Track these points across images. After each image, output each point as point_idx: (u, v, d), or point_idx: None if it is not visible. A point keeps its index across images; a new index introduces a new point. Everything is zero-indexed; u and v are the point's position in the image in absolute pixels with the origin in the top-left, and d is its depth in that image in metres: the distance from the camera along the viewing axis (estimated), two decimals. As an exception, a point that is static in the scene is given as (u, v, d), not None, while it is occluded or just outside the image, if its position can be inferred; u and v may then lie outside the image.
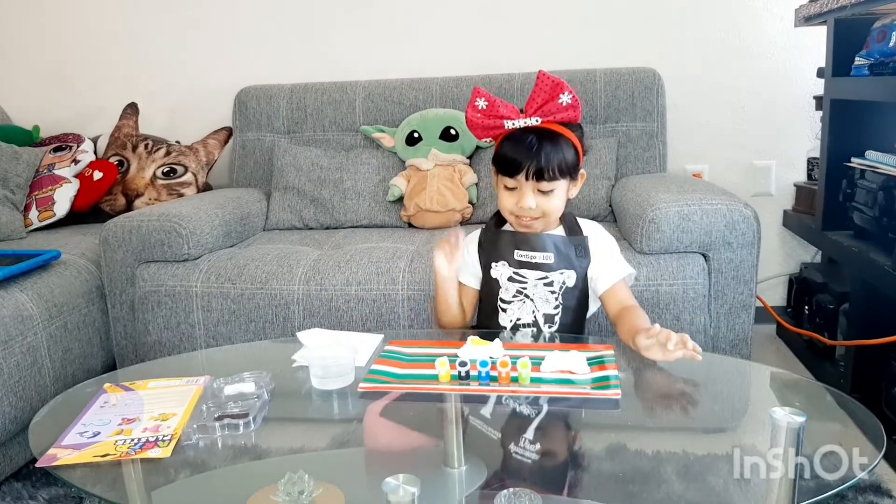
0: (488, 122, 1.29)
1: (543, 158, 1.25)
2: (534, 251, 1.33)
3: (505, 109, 1.28)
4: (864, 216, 1.74)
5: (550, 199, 1.30)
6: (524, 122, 1.28)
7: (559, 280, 1.33)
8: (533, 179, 1.27)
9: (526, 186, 1.28)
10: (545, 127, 1.27)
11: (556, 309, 1.34)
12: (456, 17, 2.36)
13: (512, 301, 1.35)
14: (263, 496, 0.84)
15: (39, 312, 1.58)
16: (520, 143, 1.27)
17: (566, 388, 1.08)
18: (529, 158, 1.25)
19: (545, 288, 1.33)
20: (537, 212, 1.30)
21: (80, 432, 1.01)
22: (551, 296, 1.33)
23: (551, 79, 1.25)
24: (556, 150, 1.26)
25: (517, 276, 1.34)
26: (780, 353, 2.17)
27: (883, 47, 1.67)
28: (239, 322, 1.70)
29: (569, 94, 1.25)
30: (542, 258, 1.33)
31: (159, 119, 2.49)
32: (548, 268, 1.33)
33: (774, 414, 0.86)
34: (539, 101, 1.26)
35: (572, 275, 1.33)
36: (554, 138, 1.27)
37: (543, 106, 1.26)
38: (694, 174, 2.34)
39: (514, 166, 1.27)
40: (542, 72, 1.26)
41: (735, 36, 2.28)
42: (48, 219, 2.17)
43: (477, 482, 0.87)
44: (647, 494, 0.85)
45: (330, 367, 1.13)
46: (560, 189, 1.30)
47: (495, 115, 1.29)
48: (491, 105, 1.28)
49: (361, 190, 2.14)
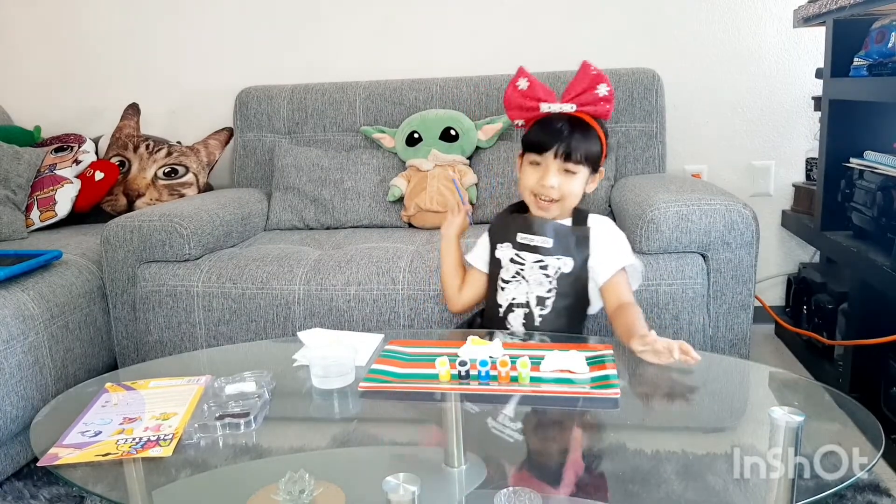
0: (525, 102, 1.35)
1: (574, 141, 1.32)
2: (534, 234, 1.38)
3: (544, 93, 1.35)
4: (863, 216, 1.75)
5: (571, 183, 1.34)
6: (559, 107, 1.34)
7: (555, 265, 1.37)
8: (560, 159, 1.32)
9: (552, 164, 1.33)
10: (578, 115, 1.34)
11: (548, 292, 1.37)
12: (456, 17, 2.36)
13: (510, 281, 1.40)
14: (264, 495, 0.84)
15: (41, 312, 1.59)
16: (553, 125, 1.33)
17: (565, 387, 1.08)
18: (560, 138, 1.31)
19: (540, 271, 1.37)
20: (557, 192, 1.34)
21: (82, 431, 1.01)
22: (545, 279, 1.37)
23: (593, 69, 1.33)
24: (585, 137, 1.33)
25: (517, 258, 1.39)
26: (779, 353, 2.17)
27: (882, 48, 1.67)
28: (240, 322, 1.70)
29: (607, 86, 1.32)
30: (540, 241, 1.37)
31: (160, 119, 2.49)
32: (545, 252, 1.37)
33: (773, 413, 0.86)
34: (578, 89, 1.33)
35: (569, 262, 1.36)
36: (585, 127, 1.33)
37: (581, 94, 1.33)
38: (693, 174, 2.34)
39: (545, 143, 1.33)
40: (586, 62, 1.34)
41: (734, 36, 2.28)
42: (49, 219, 2.18)
43: (477, 482, 0.88)
44: (646, 494, 0.86)
45: (330, 366, 1.14)
46: (581, 176, 1.35)
47: (533, 96, 1.35)
48: (532, 86, 1.35)
49: (362, 190, 2.14)
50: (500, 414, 1.07)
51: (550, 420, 1.09)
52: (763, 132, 2.33)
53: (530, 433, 1.05)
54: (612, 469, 0.92)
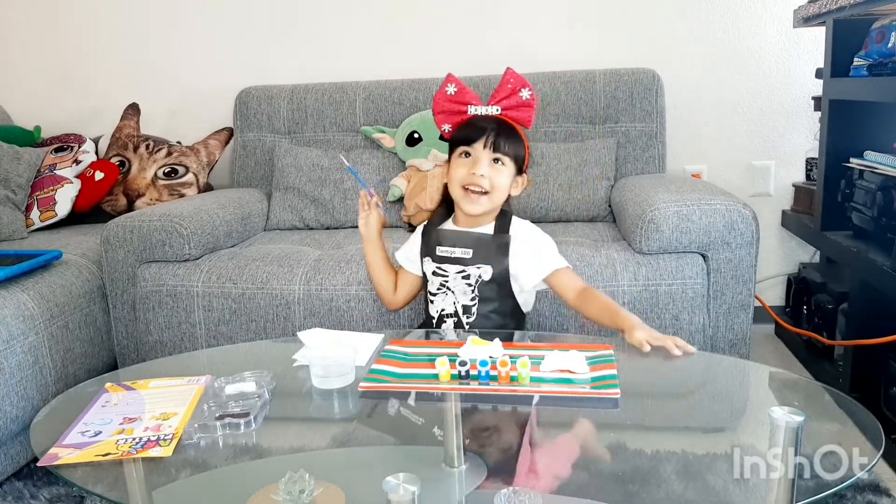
0: (454, 107, 1.42)
1: (501, 134, 1.38)
2: (453, 247, 1.43)
3: (470, 98, 1.42)
4: (863, 216, 1.75)
5: (500, 175, 1.39)
6: (485, 109, 1.41)
7: (475, 273, 1.41)
8: (490, 149, 1.38)
9: (482, 154, 1.38)
10: (503, 118, 1.40)
11: (472, 300, 1.42)
12: (456, 17, 2.36)
13: (437, 293, 1.45)
14: (264, 495, 0.84)
15: (41, 312, 1.59)
16: (480, 120, 1.40)
17: (565, 387, 1.08)
18: (488, 129, 1.38)
19: (463, 281, 1.42)
20: (488, 182, 1.38)
21: (82, 431, 1.01)
22: (468, 288, 1.42)
23: (517, 76, 1.40)
24: (510, 135, 1.40)
25: (439, 271, 1.44)
26: (779, 353, 2.17)
27: (882, 48, 1.67)
28: (240, 322, 1.70)
29: (529, 91, 1.40)
30: (460, 253, 1.42)
31: (160, 119, 2.49)
32: (465, 262, 1.42)
33: (773, 413, 0.86)
34: (502, 94, 1.40)
35: (489, 269, 1.40)
36: (510, 128, 1.40)
37: (505, 98, 1.40)
38: (693, 174, 2.34)
39: (474, 135, 1.38)
40: (510, 69, 1.41)
41: (734, 37, 2.28)
42: (49, 219, 2.18)
43: (477, 482, 0.88)
44: (646, 494, 0.86)
45: (330, 366, 1.14)
46: (508, 170, 1.41)
47: (461, 101, 1.41)
48: (459, 91, 1.42)
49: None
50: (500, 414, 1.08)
51: (550, 420, 1.09)
52: (763, 132, 2.33)
53: (530, 433, 1.05)
54: (612, 469, 0.92)
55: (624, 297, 1.59)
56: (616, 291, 1.59)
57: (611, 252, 1.66)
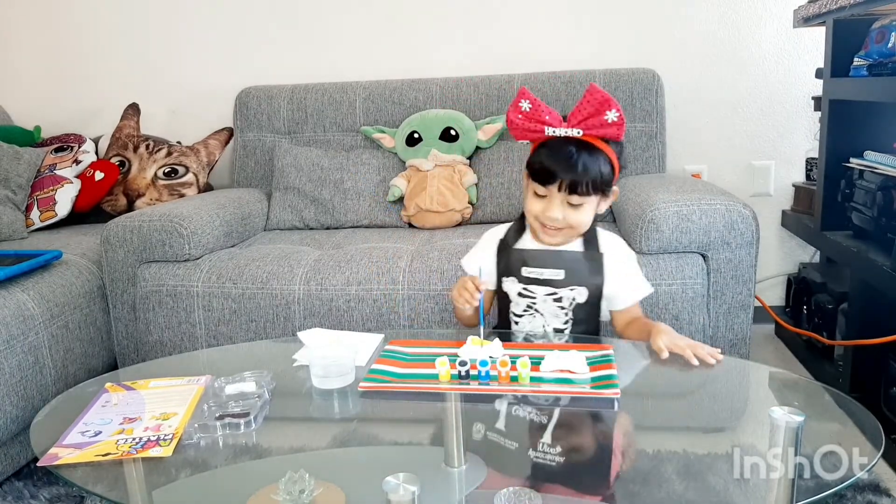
0: (529, 125, 1.27)
1: (579, 173, 1.23)
2: (543, 268, 1.32)
3: (548, 115, 1.26)
4: (863, 216, 1.75)
5: (579, 213, 1.28)
6: (566, 131, 1.25)
7: (569, 296, 1.32)
8: (565, 192, 1.25)
9: (556, 197, 1.26)
10: (586, 139, 1.24)
11: (565, 324, 1.34)
12: (456, 17, 2.36)
13: (523, 315, 1.36)
14: (264, 495, 0.84)
15: (41, 312, 1.59)
16: (558, 153, 1.24)
17: (566, 387, 1.08)
18: (565, 171, 1.23)
19: (555, 304, 1.33)
20: (563, 223, 1.28)
21: (82, 431, 1.01)
22: (560, 311, 1.33)
23: (601, 93, 1.21)
24: (592, 164, 1.23)
25: (526, 292, 1.34)
26: (779, 353, 2.17)
27: (882, 48, 1.67)
28: (240, 322, 1.70)
29: (616, 112, 1.21)
30: (550, 274, 1.31)
31: (160, 119, 2.49)
32: (557, 284, 1.32)
33: (773, 413, 0.86)
34: (585, 113, 1.23)
35: (583, 291, 1.31)
36: (593, 152, 1.24)
37: (588, 119, 1.23)
38: (693, 174, 2.34)
39: (548, 176, 1.24)
40: (594, 85, 1.23)
41: (734, 36, 2.28)
42: (49, 219, 2.18)
43: (477, 482, 0.88)
44: (647, 494, 0.86)
45: (330, 366, 1.14)
46: (590, 204, 1.28)
47: (538, 119, 1.26)
48: (535, 108, 1.26)
49: (362, 190, 2.14)
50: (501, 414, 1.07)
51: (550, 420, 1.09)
52: (763, 132, 2.33)
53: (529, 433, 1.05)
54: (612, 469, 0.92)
55: (624, 297, 1.59)
56: (616, 291, 1.59)
57: (611, 252, 1.66)
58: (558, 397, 1.08)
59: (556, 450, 0.96)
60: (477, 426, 1.03)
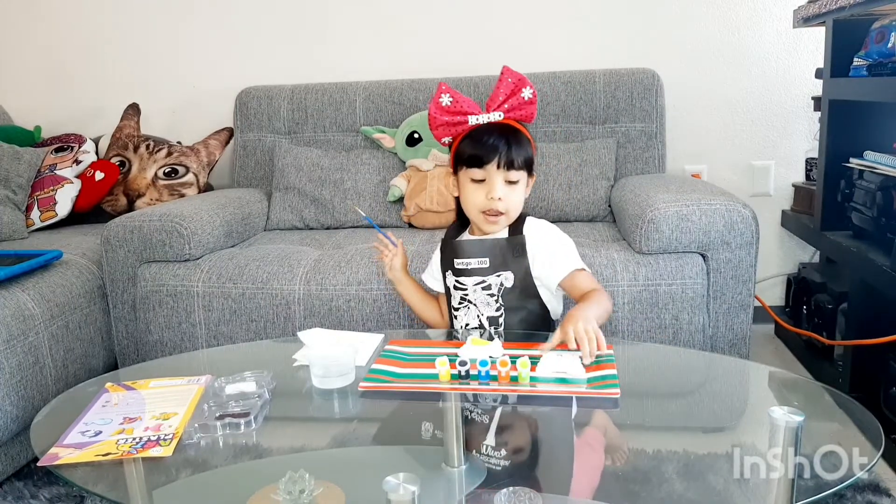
0: (452, 118, 1.33)
1: (513, 149, 1.30)
2: (469, 258, 1.36)
3: (468, 106, 1.32)
4: (863, 216, 1.75)
5: (515, 192, 1.33)
6: (487, 117, 1.32)
7: (496, 283, 1.35)
8: (503, 169, 1.30)
9: (496, 176, 1.31)
10: (506, 123, 1.32)
11: (497, 311, 1.36)
12: (455, 17, 2.36)
13: (459, 308, 1.40)
14: (264, 495, 0.84)
15: (41, 312, 1.59)
16: (488, 136, 1.30)
17: (565, 387, 1.08)
18: (499, 148, 1.29)
19: (484, 292, 1.36)
20: (504, 206, 1.32)
21: (82, 431, 1.01)
22: (491, 299, 1.36)
23: (514, 73, 1.31)
24: (519, 143, 1.31)
25: (459, 284, 1.38)
26: (779, 353, 2.17)
27: (881, 48, 1.67)
28: (240, 322, 1.70)
29: (530, 88, 1.31)
30: (477, 263, 1.36)
31: (160, 119, 2.50)
32: (484, 272, 1.35)
33: (773, 413, 0.86)
34: (502, 96, 1.31)
35: (510, 276, 1.35)
36: (516, 133, 1.32)
37: (507, 100, 1.31)
38: (693, 174, 2.34)
39: (486, 155, 1.30)
40: (506, 67, 1.32)
41: (734, 37, 2.28)
42: (50, 219, 2.18)
43: (477, 482, 0.88)
44: (647, 494, 0.86)
45: (330, 366, 1.14)
46: (522, 183, 1.34)
47: (459, 111, 1.32)
48: (455, 101, 1.32)
49: (362, 190, 2.14)
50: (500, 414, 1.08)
51: (549, 420, 1.09)
52: (763, 132, 2.33)
53: (529, 433, 1.05)
54: (612, 469, 0.92)
55: (624, 297, 1.59)
56: (616, 291, 1.59)
57: (611, 252, 1.66)
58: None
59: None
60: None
